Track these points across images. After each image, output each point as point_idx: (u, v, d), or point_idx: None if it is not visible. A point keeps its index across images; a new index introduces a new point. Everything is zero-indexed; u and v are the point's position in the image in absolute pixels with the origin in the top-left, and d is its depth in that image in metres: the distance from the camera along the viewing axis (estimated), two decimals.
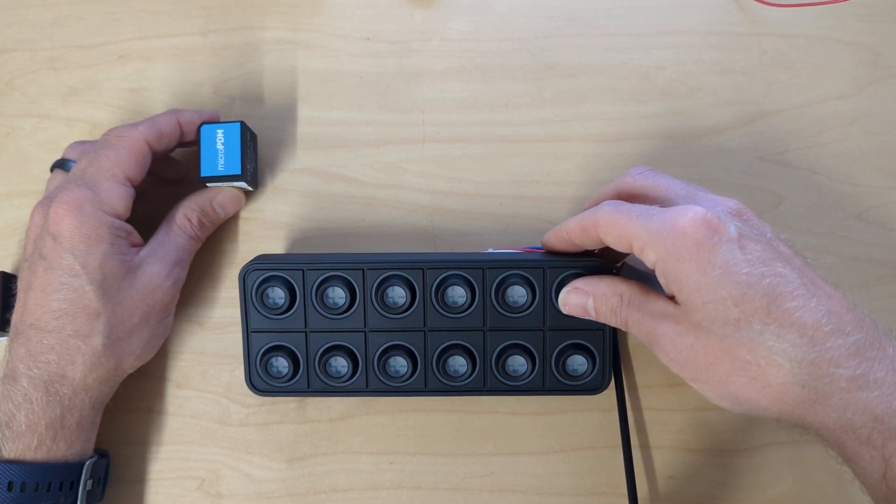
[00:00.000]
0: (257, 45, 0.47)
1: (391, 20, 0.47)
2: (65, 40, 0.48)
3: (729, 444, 0.43)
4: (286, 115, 0.46)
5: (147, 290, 0.39)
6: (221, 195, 0.43)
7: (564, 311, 0.39)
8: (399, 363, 0.41)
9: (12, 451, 0.36)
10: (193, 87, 0.47)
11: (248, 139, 0.43)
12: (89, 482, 0.38)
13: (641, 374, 0.43)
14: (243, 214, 0.46)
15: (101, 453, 0.41)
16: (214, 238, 0.45)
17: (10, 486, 0.35)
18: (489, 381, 0.41)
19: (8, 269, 0.46)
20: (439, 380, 0.41)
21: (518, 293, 0.40)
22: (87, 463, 0.38)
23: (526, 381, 0.41)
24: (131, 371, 0.41)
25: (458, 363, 0.41)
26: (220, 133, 0.42)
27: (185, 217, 0.42)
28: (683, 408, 0.43)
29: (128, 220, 0.40)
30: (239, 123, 0.42)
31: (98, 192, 0.38)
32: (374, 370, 0.41)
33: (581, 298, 0.38)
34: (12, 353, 0.38)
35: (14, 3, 0.49)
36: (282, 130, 0.46)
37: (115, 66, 0.48)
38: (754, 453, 0.42)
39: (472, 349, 0.41)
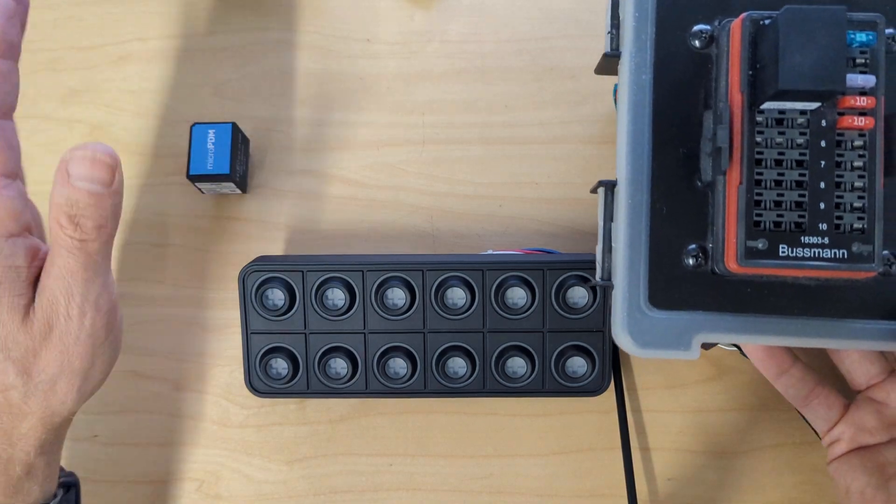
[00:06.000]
0: (257, 46, 0.47)
1: (391, 22, 0.47)
2: (65, 41, 0.48)
3: (729, 445, 0.42)
4: (286, 116, 0.46)
5: (50, 339, 0.32)
6: (73, 163, 0.30)
7: None
8: (399, 364, 0.41)
9: None
10: (193, 89, 0.47)
11: (240, 141, 0.43)
12: None
13: (641, 375, 0.43)
14: (243, 216, 0.46)
15: (66, 485, 0.37)
16: (214, 239, 0.45)
17: None
18: (489, 382, 0.41)
19: None
20: (439, 381, 0.41)
21: (518, 295, 0.40)
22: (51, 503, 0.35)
23: (525, 382, 0.41)
24: (75, 409, 0.34)
25: (458, 365, 0.41)
26: (211, 133, 0.42)
27: (57, 224, 0.30)
28: (683, 409, 0.43)
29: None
30: (231, 124, 0.42)
31: None
32: (374, 371, 0.41)
33: None
34: None
35: None
36: (281, 132, 0.46)
37: (116, 67, 0.48)
38: (754, 455, 0.42)
39: (472, 351, 0.41)
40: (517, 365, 0.41)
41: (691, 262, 0.30)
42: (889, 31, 0.30)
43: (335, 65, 0.47)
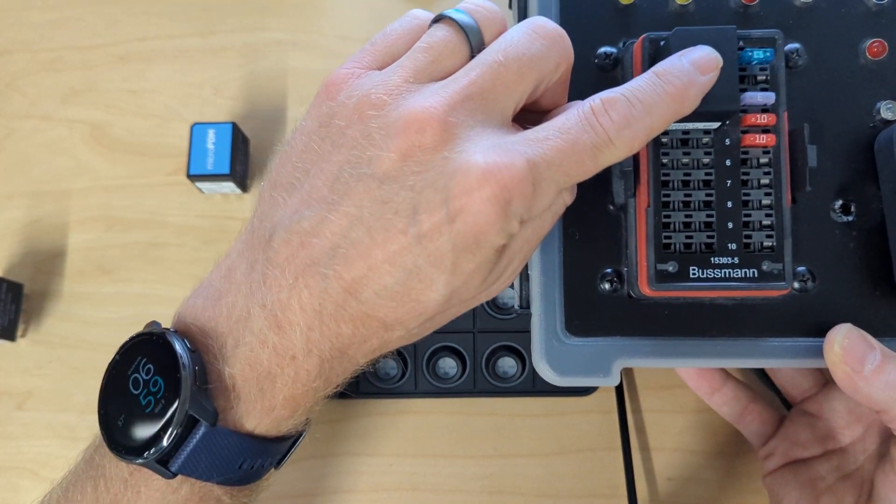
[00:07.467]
0: (257, 46, 0.47)
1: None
2: (65, 42, 0.48)
3: (729, 446, 0.42)
4: (286, 116, 0.46)
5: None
6: None
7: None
8: (389, 365, 0.41)
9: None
10: (193, 89, 0.47)
11: (240, 141, 0.43)
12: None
13: (641, 375, 0.43)
14: (243, 216, 0.46)
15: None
16: (214, 239, 0.45)
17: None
18: (479, 382, 0.41)
19: (2, 271, 0.46)
20: (430, 382, 0.41)
21: (507, 294, 0.40)
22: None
23: (516, 382, 0.41)
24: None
25: (449, 365, 0.41)
26: (211, 133, 0.42)
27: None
28: (683, 409, 0.43)
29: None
30: (231, 124, 0.42)
31: None
32: (365, 373, 0.41)
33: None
34: None
35: (14, 4, 0.49)
36: (281, 132, 0.46)
37: (116, 68, 0.48)
38: (755, 455, 0.42)
39: (462, 351, 0.41)
40: (507, 365, 0.41)
41: (607, 286, 0.29)
42: (790, 46, 0.29)
43: (335, 65, 0.47)
